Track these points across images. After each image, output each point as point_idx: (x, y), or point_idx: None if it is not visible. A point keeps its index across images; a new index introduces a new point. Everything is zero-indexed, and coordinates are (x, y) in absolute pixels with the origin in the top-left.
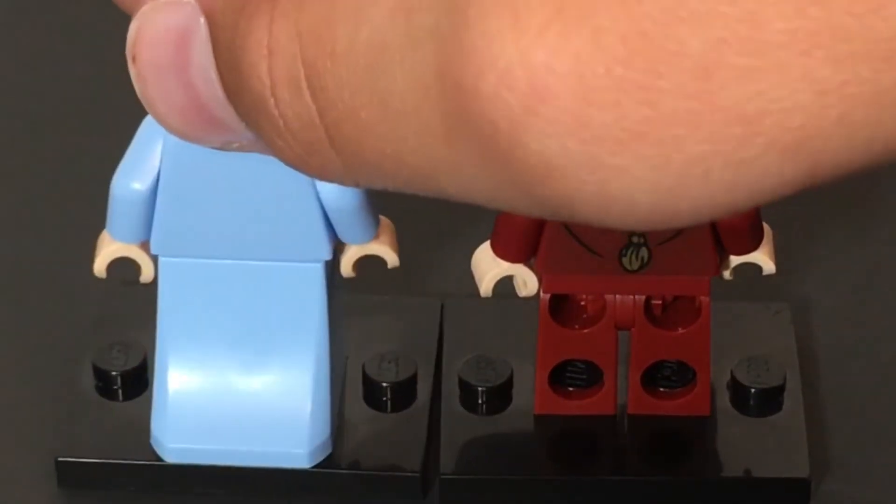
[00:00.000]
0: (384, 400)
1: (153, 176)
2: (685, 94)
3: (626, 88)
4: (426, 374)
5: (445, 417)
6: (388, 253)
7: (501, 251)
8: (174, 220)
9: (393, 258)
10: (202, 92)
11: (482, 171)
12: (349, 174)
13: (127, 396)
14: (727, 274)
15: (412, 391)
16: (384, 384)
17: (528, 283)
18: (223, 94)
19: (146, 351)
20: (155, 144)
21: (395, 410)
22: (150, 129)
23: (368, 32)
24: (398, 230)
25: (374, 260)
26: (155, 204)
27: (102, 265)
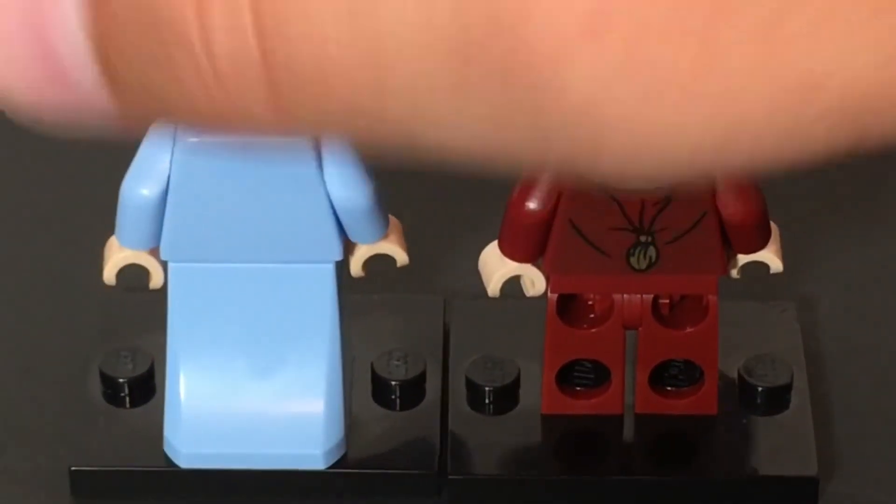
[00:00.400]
0: (393, 398)
1: (163, 182)
2: (752, 44)
3: (690, 28)
4: (434, 371)
5: (453, 417)
6: (397, 252)
7: (509, 251)
8: (184, 225)
9: (402, 256)
10: (57, 42)
11: (492, 112)
12: (281, 126)
13: (135, 403)
14: (735, 273)
15: (421, 389)
16: (393, 382)
17: (535, 283)
18: (84, 42)
19: (153, 357)
20: (164, 149)
21: (404, 408)
22: (158, 133)
23: None
24: (404, 229)
25: (377, 258)
26: (164, 210)
27: (112, 273)
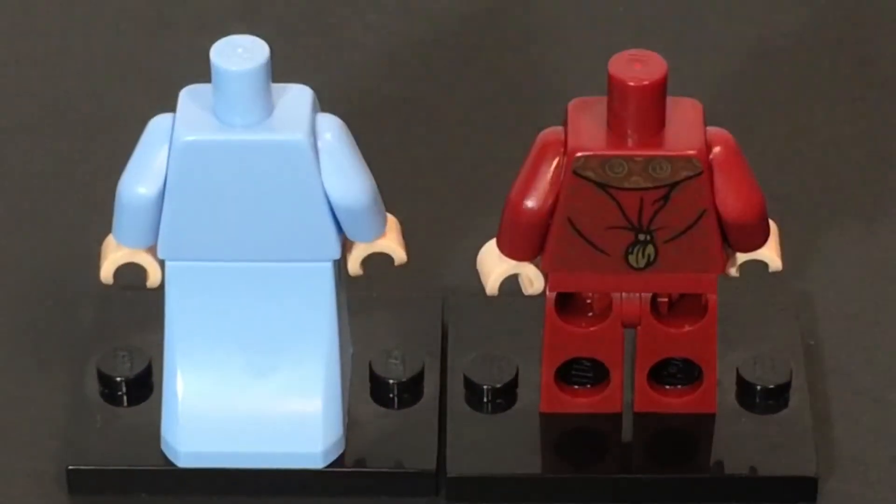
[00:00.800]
0: (391, 397)
1: (160, 180)
2: None
3: None
4: (432, 370)
5: (451, 416)
6: (395, 250)
7: (507, 249)
8: (182, 223)
9: (400, 255)
10: None
11: None
12: None
13: (132, 402)
14: (734, 271)
15: (419, 388)
16: (392, 381)
17: (534, 281)
18: None
19: (151, 356)
20: (160, 148)
21: (402, 407)
22: (154, 132)
23: None
24: (403, 227)
25: (375, 257)
26: (162, 208)
27: (109, 271)
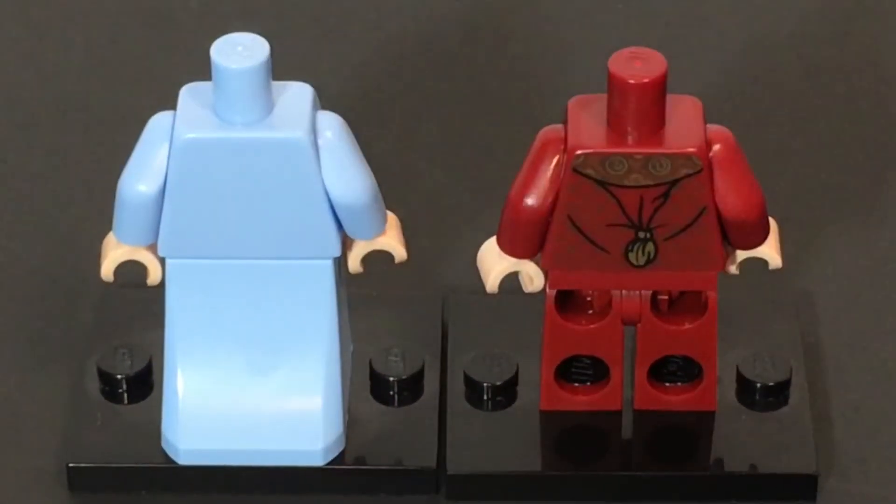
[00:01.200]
0: (391, 394)
1: (160, 178)
2: None
3: None
4: (432, 367)
5: (451, 414)
6: (395, 248)
7: (507, 247)
8: (182, 221)
9: (401, 252)
10: None
11: None
12: None
13: (133, 400)
14: (734, 269)
15: (419, 385)
16: (392, 379)
17: (534, 279)
18: None
19: (151, 354)
20: (161, 146)
21: (402, 405)
22: (155, 130)
23: None
24: (403, 225)
25: (375, 255)
26: (162, 206)
27: (110, 269)
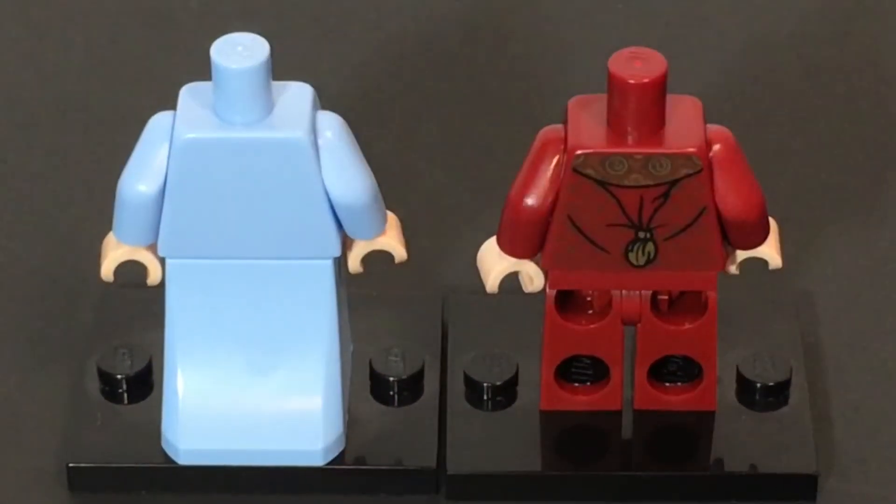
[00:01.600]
0: (391, 394)
1: (160, 178)
2: None
3: None
4: (432, 367)
5: (451, 414)
6: (395, 248)
7: (507, 247)
8: (183, 221)
9: (401, 253)
10: None
11: None
12: None
13: (133, 400)
14: (734, 269)
15: (419, 385)
16: (392, 379)
17: (534, 279)
18: None
19: (151, 354)
20: (161, 146)
21: (402, 405)
22: (155, 130)
23: None
24: (403, 225)
25: (375, 255)
26: (162, 206)
27: (110, 269)
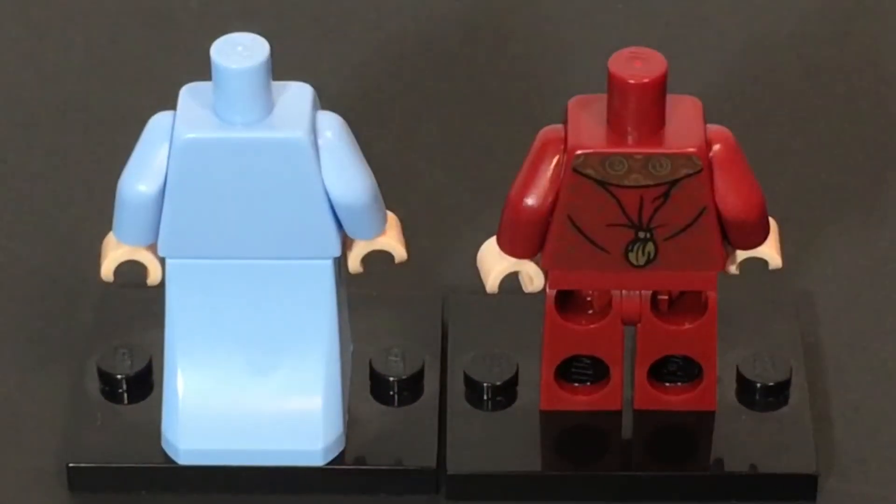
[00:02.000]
0: (391, 394)
1: (160, 178)
2: None
3: None
4: (432, 367)
5: (451, 414)
6: (395, 248)
7: (507, 247)
8: (183, 221)
9: (401, 253)
10: None
11: None
12: None
13: (133, 400)
14: (734, 269)
15: (419, 385)
16: (392, 379)
17: (534, 279)
18: None
19: (151, 354)
20: (161, 146)
21: (402, 405)
22: (155, 130)
23: None
24: (403, 225)
25: (375, 255)
26: (162, 206)
27: (110, 269)
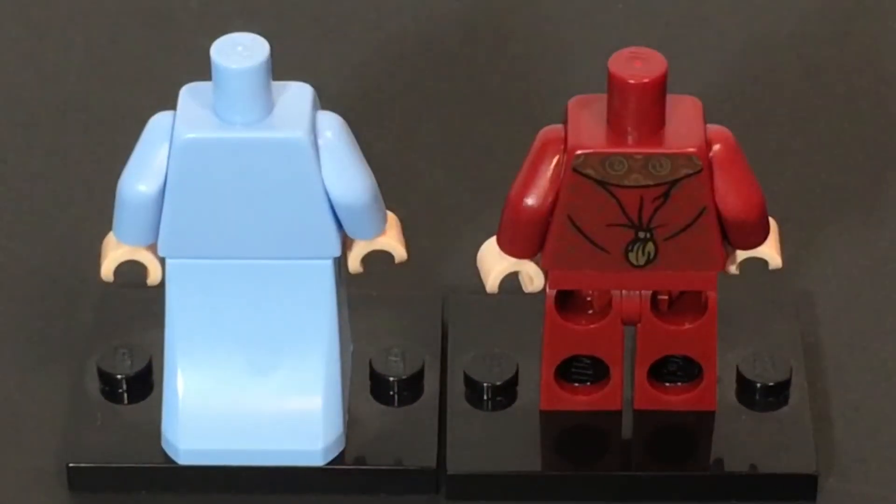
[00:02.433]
0: (391, 394)
1: (160, 178)
2: None
3: None
4: (432, 367)
5: (451, 414)
6: (395, 248)
7: (507, 247)
8: (183, 221)
9: (401, 253)
10: None
11: None
12: None
13: (133, 400)
14: (734, 269)
15: (419, 385)
16: (392, 379)
17: (534, 279)
18: None
19: (151, 354)
20: (161, 146)
21: (402, 405)
22: (155, 130)
23: None
24: (403, 225)
25: (375, 255)
26: (162, 206)
27: (110, 269)
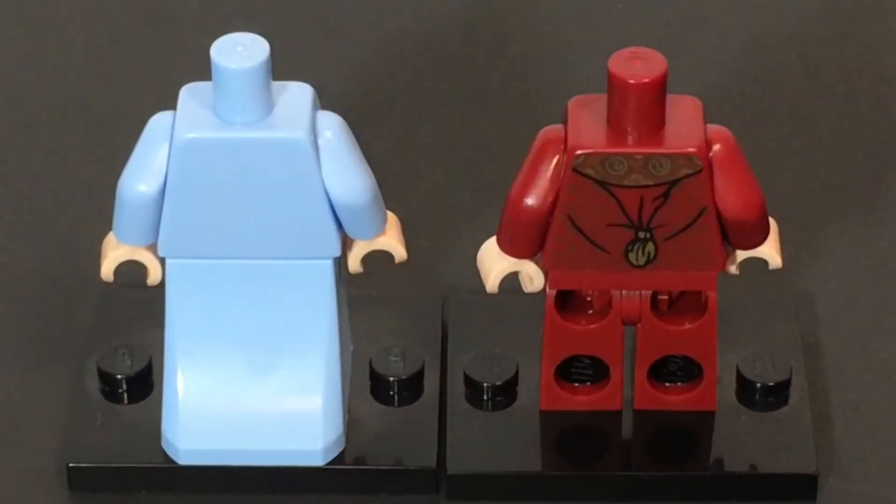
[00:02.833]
0: (391, 394)
1: (160, 178)
2: None
3: None
4: (432, 367)
5: (451, 414)
6: (395, 248)
7: (507, 247)
8: (183, 221)
9: (401, 253)
10: None
11: None
12: None
13: (133, 400)
14: (734, 269)
15: (420, 385)
16: (392, 379)
17: (534, 279)
18: None
19: (151, 354)
20: (161, 146)
21: (402, 405)
22: (155, 130)
23: None
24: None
25: (375, 255)
26: (162, 206)
27: (110, 269)
